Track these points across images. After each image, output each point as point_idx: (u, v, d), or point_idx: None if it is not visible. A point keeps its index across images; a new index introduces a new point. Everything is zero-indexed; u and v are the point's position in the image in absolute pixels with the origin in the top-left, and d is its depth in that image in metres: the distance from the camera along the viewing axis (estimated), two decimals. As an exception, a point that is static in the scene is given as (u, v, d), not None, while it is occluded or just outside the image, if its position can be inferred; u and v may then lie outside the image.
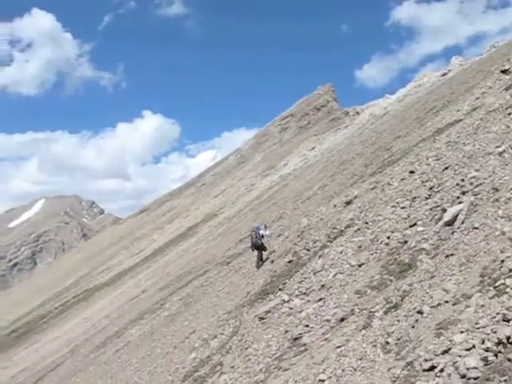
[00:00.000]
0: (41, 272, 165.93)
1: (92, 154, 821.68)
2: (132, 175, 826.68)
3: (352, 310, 10.46)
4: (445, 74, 52.75)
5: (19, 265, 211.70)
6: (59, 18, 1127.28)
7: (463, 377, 6.31)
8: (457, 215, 10.88)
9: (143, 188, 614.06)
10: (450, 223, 10.90)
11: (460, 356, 6.57)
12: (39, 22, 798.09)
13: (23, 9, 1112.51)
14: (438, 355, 6.85)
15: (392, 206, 14.07)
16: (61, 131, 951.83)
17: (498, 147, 12.77)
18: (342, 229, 15.27)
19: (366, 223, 14.27)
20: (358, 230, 14.28)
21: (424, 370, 6.80)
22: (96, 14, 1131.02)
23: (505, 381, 6.08)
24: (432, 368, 6.72)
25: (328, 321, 10.81)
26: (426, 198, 13.08)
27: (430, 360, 6.84)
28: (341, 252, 13.59)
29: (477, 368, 6.33)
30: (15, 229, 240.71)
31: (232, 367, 12.09)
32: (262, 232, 20.20)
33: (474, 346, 6.65)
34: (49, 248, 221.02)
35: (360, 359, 8.59)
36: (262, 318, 12.99)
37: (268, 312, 13.04)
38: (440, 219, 11.36)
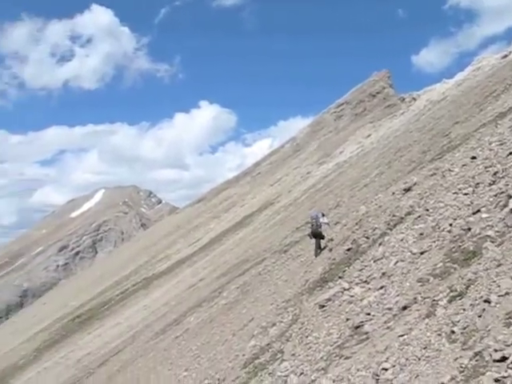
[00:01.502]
0: (101, 260, 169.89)
1: (150, 144, 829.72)
2: (189, 165, 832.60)
3: (415, 299, 10.28)
4: (505, 57, 51.08)
5: (81, 253, 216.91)
6: (117, 13, 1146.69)
7: (537, 369, 6.12)
8: (523, 201, 10.55)
9: (201, 177, 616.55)
10: (516, 210, 10.57)
11: (533, 347, 6.39)
12: (98, 18, 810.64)
13: (83, 5, 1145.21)
14: (509, 345, 6.65)
15: (454, 193, 13.72)
16: (120, 123, 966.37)
17: None
18: (402, 216, 15.02)
19: (427, 210, 13.98)
20: (419, 217, 14.00)
21: (494, 361, 6.62)
22: (152, 8, 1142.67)
23: None
24: (503, 359, 6.51)
25: (390, 309, 10.67)
26: (490, 184, 12.69)
27: (501, 350, 6.65)
28: (401, 240, 13.38)
29: (552, 360, 6.13)
30: (76, 219, 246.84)
31: (293, 355, 12.10)
32: (321, 220, 20.15)
33: (546, 337, 6.44)
34: (109, 237, 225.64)
35: (424, 348, 8.44)
36: (323, 306, 12.95)
37: (328, 300, 12.99)
38: (505, 206, 11.01)
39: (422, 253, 11.99)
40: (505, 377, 6.28)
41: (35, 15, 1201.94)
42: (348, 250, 16.05)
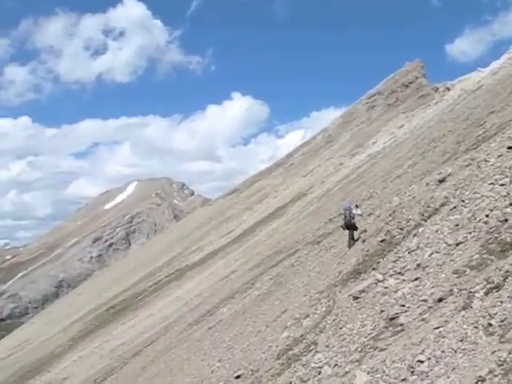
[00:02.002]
0: (135, 252, 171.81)
1: (183, 136, 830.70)
2: (222, 157, 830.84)
3: (450, 290, 10.16)
4: (543, 44, 49.98)
5: (114, 245, 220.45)
6: (149, 7, 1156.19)
7: None
8: (562, 192, 10.34)
9: (233, 169, 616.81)
10: (554, 200, 10.37)
11: None
12: (131, 11, 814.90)
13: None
14: (548, 338, 6.56)
15: (490, 184, 13.49)
16: (152, 115, 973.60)
17: None
18: (437, 207, 14.81)
19: (463, 201, 13.77)
20: (454, 208, 13.81)
21: (534, 354, 6.53)
22: (184, 1, 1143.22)
23: None
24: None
25: (425, 301, 10.56)
26: (527, 175, 12.48)
27: (541, 343, 6.56)
28: (436, 231, 13.21)
29: None
30: (110, 211, 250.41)
31: (327, 346, 12.06)
32: (354, 211, 20.03)
33: None
34: (142, 229, 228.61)
35: (460, 341, 8.34)
36: (357, 298, 12.87)
37: (362, 291, 12.90)
38: (544, 196, 10.83)
39: (457, 244, 11.83)
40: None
41: (69, 10, 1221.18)
42: (382, 241, 15.92)
